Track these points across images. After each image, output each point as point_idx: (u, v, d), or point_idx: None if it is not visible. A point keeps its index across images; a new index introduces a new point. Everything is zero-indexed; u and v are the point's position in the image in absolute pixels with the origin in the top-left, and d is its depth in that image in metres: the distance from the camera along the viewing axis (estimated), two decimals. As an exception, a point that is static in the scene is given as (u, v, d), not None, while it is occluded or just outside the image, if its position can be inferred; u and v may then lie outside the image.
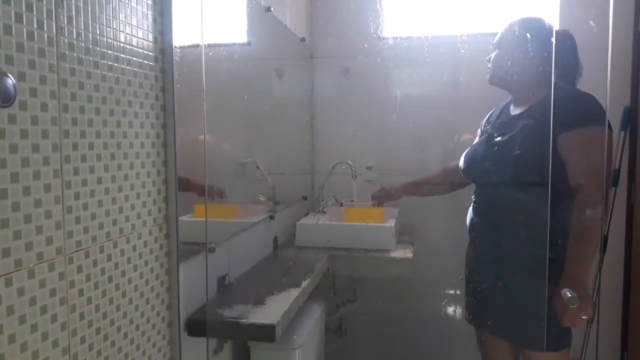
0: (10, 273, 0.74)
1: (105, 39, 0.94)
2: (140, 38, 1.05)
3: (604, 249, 2.15)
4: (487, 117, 1.65)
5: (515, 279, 1.47)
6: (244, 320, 1.22)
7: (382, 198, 1.97)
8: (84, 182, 0.89)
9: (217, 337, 1.37)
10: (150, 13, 1.08)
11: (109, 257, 0.96)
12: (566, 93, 1.42)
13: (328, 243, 1.93)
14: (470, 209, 1.58)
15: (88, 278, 0.90)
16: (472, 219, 1.57)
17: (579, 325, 1.39)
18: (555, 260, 1.39)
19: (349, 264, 1.86)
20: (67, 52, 0.84)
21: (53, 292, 0.82)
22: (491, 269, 1.53)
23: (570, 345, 1.47)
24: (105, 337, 0.96)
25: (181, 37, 1.16)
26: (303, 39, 2.25)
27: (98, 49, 0.92)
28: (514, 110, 1.52)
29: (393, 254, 1.85)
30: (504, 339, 1.58)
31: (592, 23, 1.77)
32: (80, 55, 0.87)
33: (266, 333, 1.20)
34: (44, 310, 0.80)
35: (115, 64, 0.97)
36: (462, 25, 1.95)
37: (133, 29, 1.02)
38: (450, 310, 2.23)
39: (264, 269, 1.69)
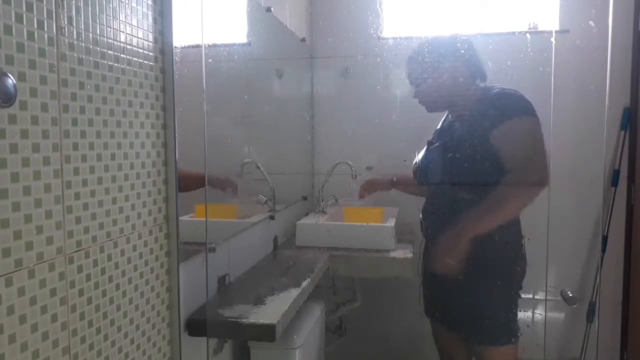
0: (11, 273, 0.74)
1: (105, 39, 0.94)
2: (141, 38, 1.05)
3: (603, 249, 2.15)
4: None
5: (465, 276, 1.53)
6: (244, 320, 1.22)
7: (371, 188, 2.01)
8: (84, 182, 0.89)
9: (217, 337, 1.37)
10: (150, 13, 1.08)
11: (109, 257, 0.96)
12: (494, 92, 1.52)
13: (328, 243, 1.93)
14: (422, 207, 1.67)
15: (88, 278, 0.90)
16: (422, 218, 1.67)
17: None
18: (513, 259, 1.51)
19: (349, 264, 1.86)
20: (67, 52, 0.84)
21: (53, 292, 0.82)
22: (442, 266, 1.59)
23: (517, 341, 1.53)
24: (106, 337, 0.96)
25: (181, 37, 1.16)
26: (303, 39, 2.26)
27: (98, 49, 0.92)
28: (451, 117, 1.64)
29: (393, 254, 1.85)
30: (456, 333, 1.66)
31: (592, 23, 1.78)
32: (80, 56, 0.87)
33: (266, 333, 1.20)
34: (44, 310, 0.80)
35: (116, 64, 0.97)
36: (462, 25, 1.95)
37: (133, 29, 1.02)
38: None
39: (264, 269, 1.69)
